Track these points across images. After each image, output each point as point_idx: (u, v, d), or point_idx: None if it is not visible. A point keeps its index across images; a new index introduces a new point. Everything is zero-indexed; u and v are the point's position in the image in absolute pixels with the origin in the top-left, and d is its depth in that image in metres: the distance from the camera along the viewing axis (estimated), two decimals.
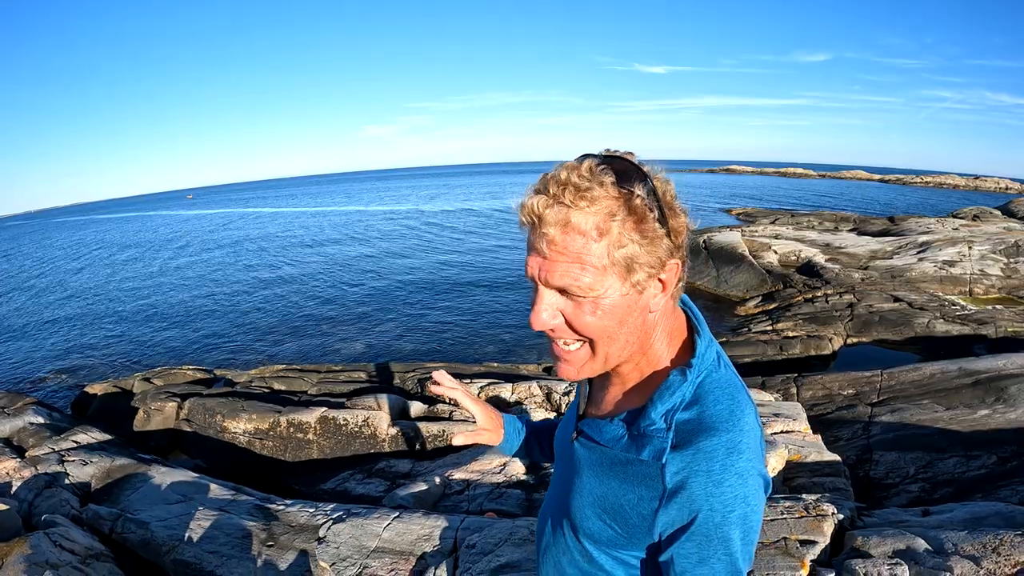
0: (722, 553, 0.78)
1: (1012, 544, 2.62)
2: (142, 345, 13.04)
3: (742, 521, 0.78)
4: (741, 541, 0.79)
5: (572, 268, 0.76)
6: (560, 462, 1.08)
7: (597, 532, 0.90)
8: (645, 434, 0.83)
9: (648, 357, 0.89)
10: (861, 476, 5.24)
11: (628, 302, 0.80)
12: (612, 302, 0.79)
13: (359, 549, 3.15)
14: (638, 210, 0.75)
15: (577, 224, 0.75)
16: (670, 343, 0.90)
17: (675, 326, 0.91)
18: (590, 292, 0.78)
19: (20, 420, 6.35)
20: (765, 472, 0.83)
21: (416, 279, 17.78)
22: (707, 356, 0.87)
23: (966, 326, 9.50)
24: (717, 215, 27.98)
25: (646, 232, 0.76)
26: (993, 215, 21.11)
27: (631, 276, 0.78)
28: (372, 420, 5.91)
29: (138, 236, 39.86)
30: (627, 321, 0.82)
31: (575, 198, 0.74)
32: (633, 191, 0.75)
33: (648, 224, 0.76)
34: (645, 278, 0.79)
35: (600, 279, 0.77)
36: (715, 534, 0.78)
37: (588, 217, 0.74)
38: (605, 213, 0.74)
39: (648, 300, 0.82)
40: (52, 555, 3.06)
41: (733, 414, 0.80)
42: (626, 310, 0.81)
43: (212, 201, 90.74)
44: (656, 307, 0.84)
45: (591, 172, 0.75)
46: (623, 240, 0.75)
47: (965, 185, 54.96)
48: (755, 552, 0.83)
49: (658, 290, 0.82)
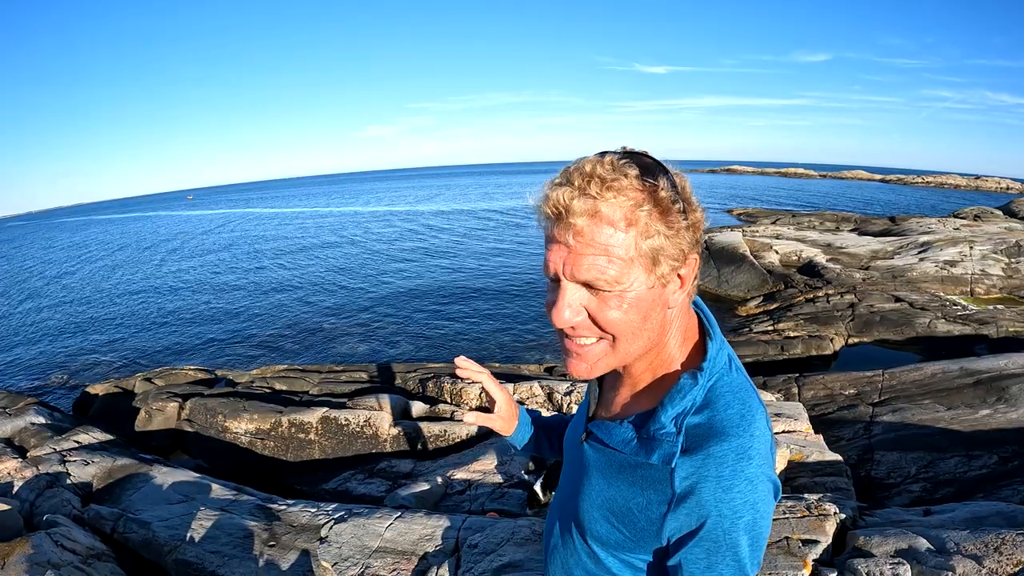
0: (730, 559, 0.78)
1: (1014, 543, 2.62)
2: (143, 345, 13.05)
3: (751, 527, 0.78)
4: (749, 547, 0.79)
5: (599, 260, 0.76)
6: (569, 463, 1.07)
7: (605, 535, 0.90)
8: (655, 438, 0.83)
9: (661, 357, 0.89)
10: (862, 476, 5.24)
11: (653, 296, 0.80)
12: (638, 295, 0.79)
13: (361, 549, 3.15)
14: (663, 202, 0.76)
15: (606, 214, 0.74)
16: (683, 344, 0.89)
17: (688, 326, 0.90)
18: (616, 285, 0.77)
19: (22, 420, 6.36)
20: (775, 478, 0.83)
21: (416, 280, 17.79)
22: (719, 359, 0.86)
23: (967, 326, 9.49)
24: (718, 215, 27.97)
25: (672, 224, 0.76)
26: (994, 215, 21.09)
27: (656, 269, 0.78)
28: (374, 420, 5.91)
29: (139, 237, 39.90)
30: (650, 316, 0.81)
31: (602, 189, 0.74)
32: (658, 183, 0.76)
33: (673, 216, 0.76)
34: (669, 271, 0.79)
35: (627, 271, 0.76)
36: (724, 540, 0.77)
37: (616, 208, 0.74)
38: (632, 203, 0.74)
39: (668, 296, 0.82)
40: (54, 555, 3.06)
41: (744, 419, 0.80)
42: (650, 304, 0.80)
43: (213, 202, 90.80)
44: (675, 303, 0.84)
45: (614, 165, 0.75)
46: (650, 230, 0.75)
47: (966, 185, 54.91)
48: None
49: (677, 286, 0.82)
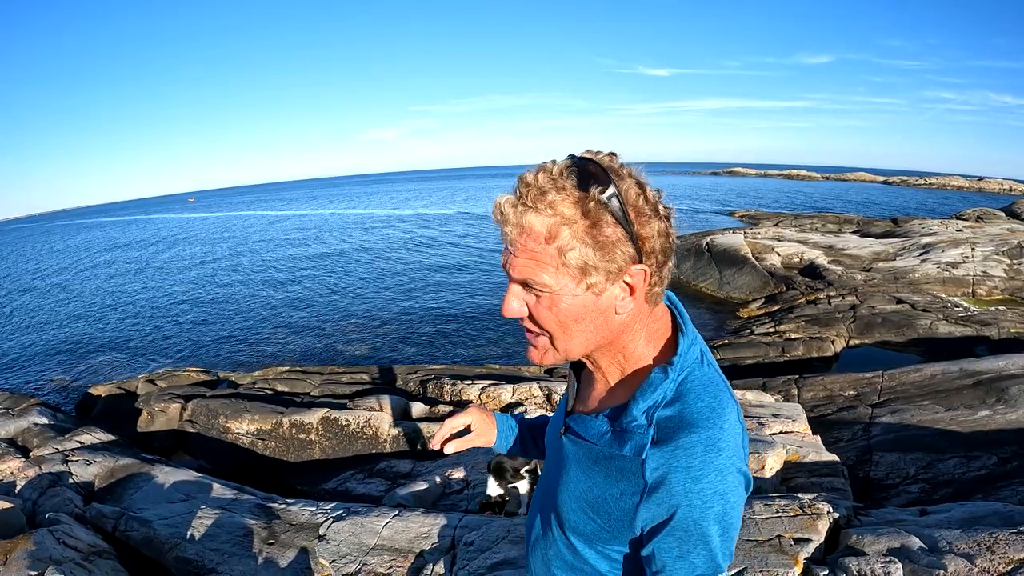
0: (701, 548, 0.80)
1: (1007, 542, 2.63)
2: (146, 347, 13.11)
3: (721, 517, 0.80)
4: (720, 537, 0.81)
5: (529, 264, 0.81)
6: (550, 457, 1.10)
7: (581, 526, 0.92)
8: (627, 430, 0.85)
9: (628, 354, 0.91)
10: (861, 477, 5.24)
11: (583, 302, 0.83)
12: (567, 301, 0.82)
13: (359, 547, 3.18)
14: (592, 215, 0.77)
15: (531, 226, 0.79)
16: (651, 342, 0.91)
17: (658, 326, 0.92)
18: (545, 289, 0.81)
19: (25, 421, 6.40)
20: (746, 470, 0.85)
21: (418, 282, 17.83)
22: (690, 354, 0.88)
23: (969, 327, 9.48)
24: (720, 217, 27.98)
25: (599, 237, 0.78)
26: (997, 216, 21.06)
27: (586, 278, 0.80)
28: (374, 421, 5.94)
29: (141, 239, 40.04)
30: (584, 319, 0.84)
31: (534, 200, 0.78)
32: (589, 196, 0.77)
33: (601, 229, 0.78)
34: (602, 281, 0.81)
35: (554, 279, 0.80)
36: (694, 529, 0.79)
37: (543, 219, 0.78)
38: (558, 218, 0.77)
39: (612, 303, 0.84)
40: (55, 552, 3.09)
41: (714, 411, 0.82)
42: (582, 309, 0.83)
43: (214, 204, 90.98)
44: (623, 310, 0.85)
45: (554, 176, 0.78)
46: (572, 244, 0.78)
47: (969, 187, 54.78)
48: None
49: (625, 293, 0.84)
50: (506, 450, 1.38)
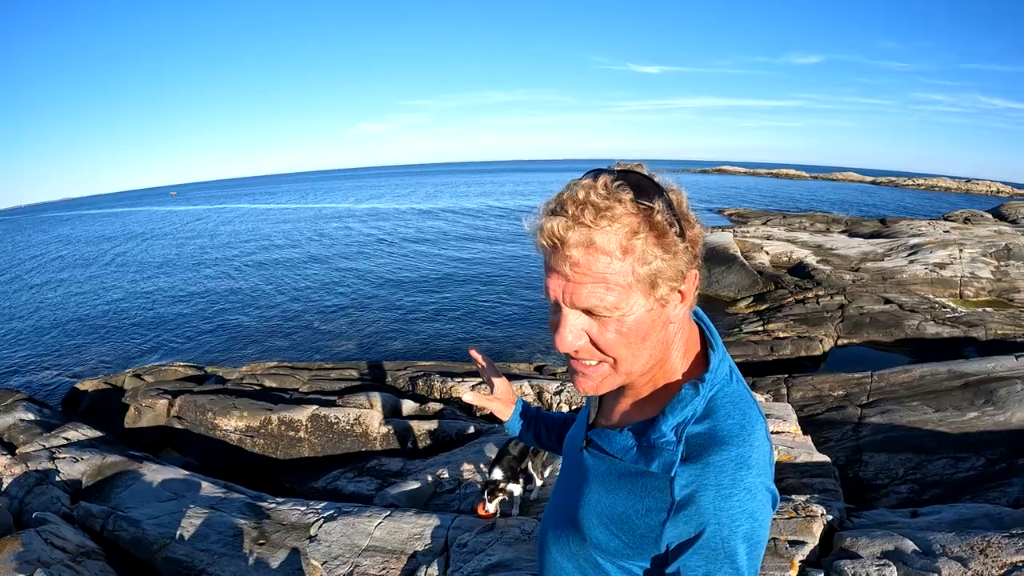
0: (728, 567, 0.79)
1: (1000, 546, 2.65)
2: (133, 341, 12.96)
3: (749, 536, 0.79)
4: (747, 556, 0.79)
5: (597, 288, 0.76)
6: (568, 470, 1.08)
7: (603, 542, 0.91)
8: (655, 446, 0.83)
9: (664, 369, 0.90)
10: (851, 477, 5.28)
11: (652, 317, 0.80)
12: (637, 318, 0.79)
13: (351, 548, 3.15)
14: (659, 225, 0.75)
15: (601, 244, 0.74)
16: (684, 355, 0.90)
17: (690, 337, 0.91)
18: (616, 311, 0.78)
19: (10, 417, 6.31)
20: (773, 488, 0.84)
21: (406, 278, 17.76)
22: (720, 370, 0.87)
23: (956, 328, 9.57)
24: (709, 216, 28.05)
25: (668, 246, 0.76)
26: (984, 218, 21.26)
27: (655, 291, 0.78)
28: (364, 418, 5.91)
29: (125, 231, 39.58)
30: (650, 336, 0.82)
31: (596, 218, 0.74)
32: (653, 206, 0.75)
33: (669, 238, 0.76)
34: (668, 291, 0.79)
35: (625, 297, 0.77)
36: (722, 548, 0.78)
37: (611, 236, 0.74)
38: (627, 231, 0.74)
39: (669, 312, 0.83)
40: (43, 553, 3.05)
41: (744, 429, 0.81)
42: (650, 325, 0.81)
43: (197, 198, 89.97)
44: (676, 318, 0.84)
45: (608, 189, 0.75)
46: (647, 256, 0.76)
47: (957, 188, 55.30)
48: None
49: (677, 301, 0.83)
50: (517, 431, 1.41)
